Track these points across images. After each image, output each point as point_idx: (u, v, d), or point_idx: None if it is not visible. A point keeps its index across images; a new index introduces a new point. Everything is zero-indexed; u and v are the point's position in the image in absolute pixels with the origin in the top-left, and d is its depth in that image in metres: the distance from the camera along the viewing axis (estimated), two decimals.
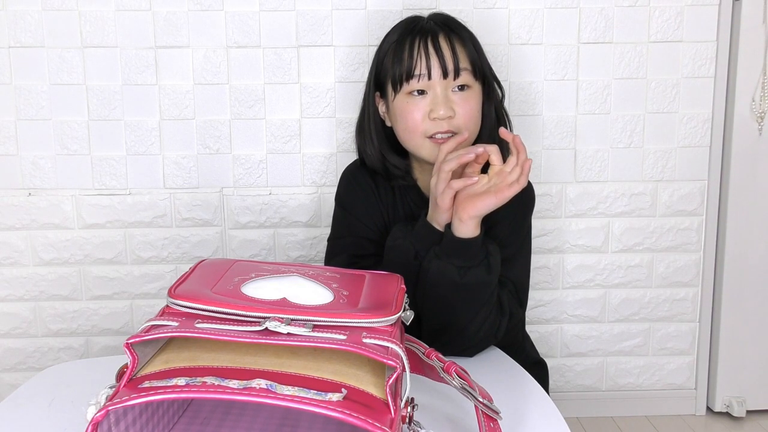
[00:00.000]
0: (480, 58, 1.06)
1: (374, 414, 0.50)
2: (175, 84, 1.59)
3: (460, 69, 1.02)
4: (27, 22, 1.56)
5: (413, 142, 1.05)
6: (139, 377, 0.54)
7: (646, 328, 1.77)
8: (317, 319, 0.58)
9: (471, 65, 1.03)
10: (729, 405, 1.78)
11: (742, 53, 1.63)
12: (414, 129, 1.03)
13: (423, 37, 1.03)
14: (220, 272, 0.68)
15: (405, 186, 1.13)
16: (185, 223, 1.65)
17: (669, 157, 1.68)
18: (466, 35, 1.06)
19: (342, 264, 1.08)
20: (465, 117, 1.03)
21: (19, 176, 1.62)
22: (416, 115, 1.02)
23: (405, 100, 1.03)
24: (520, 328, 1.22)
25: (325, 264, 1.16)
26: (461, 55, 1.03)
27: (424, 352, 0.71)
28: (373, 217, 1.13)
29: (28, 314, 1.67)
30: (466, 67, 1.02)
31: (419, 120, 1.02)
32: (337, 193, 1.19)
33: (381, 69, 1.09)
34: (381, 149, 1.11)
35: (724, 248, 1.72)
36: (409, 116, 1.03)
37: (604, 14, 1.61)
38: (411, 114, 1.03)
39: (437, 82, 1.02)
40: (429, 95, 1.02)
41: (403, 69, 1.02)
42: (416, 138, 1.04)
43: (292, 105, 1.61)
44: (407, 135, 1.05)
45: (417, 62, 1.01)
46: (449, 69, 1.01)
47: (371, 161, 1.13)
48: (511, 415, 0.73)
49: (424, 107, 1.02)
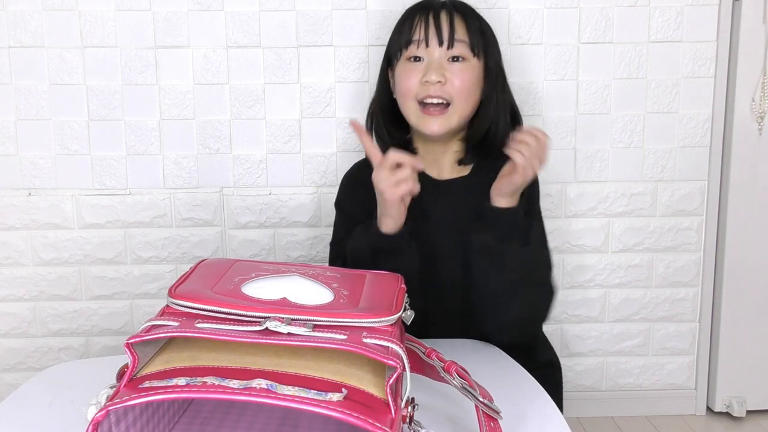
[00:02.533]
0: (484, 39, 1.10)
1: (374, 414, 0.50)
2: (175, 84, 1.59)
3: (456, 40, 1.07)
4: (27, 22, 1.56)
5: (405, 105, 1.10)
6: (140, 377, 0.54)
7: (646, 328, 1.77)
8: (317, 318, 0.58)
9: (469, 39, 1.08)
10: (729, 405, 1.78)
11: (742, 53, 1.63)
12: (407, 92, 1.08)
13: (425, 11, 1.09)
14: (221, 272, 0.68)
15: None
16: (185, 223, 1.65)
17: (669, 157, 1.68)
18: (472, 17, 1.10)
19: (343, 266, 1.07)
20: (458, 87, 1.07)
21: (19, 176, 1.62)
22: (412, 80, 1.08)
23: (404, 66, 1.10)
24: (538, 327, 1.21)
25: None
26: (459, 28, 1.08)
27: (424, 352, 0.71)
28: (373, 214, 1.11)
29: (28, 314, 1.67)
30: (462, 39, 1.07)
31: (413, 84, 1.07)
32: (336, 198, 1.22)
33: (390, 44, 1.15)
34: (384, 121, 1.17)
35: (724, 248, 1.72)
36: (404, 81, 1.09)
37: (604, 14, 1.61)
38: (407, 79, 1.08)
39: (434, 50, 1.07)
40: (425, 62, 1.08)
41: (403, 37, 1.09)
42: (408, 101, 1.09)
43: (292, 105, 1.61)
44: (401, 99, 1.11)
45: (416, 30, 1.08)
46: (445, 38, 1.06)
47: (375, 134, 1.18)
48: (512, 415, 0.73)
49: (419, 72, 1.07)
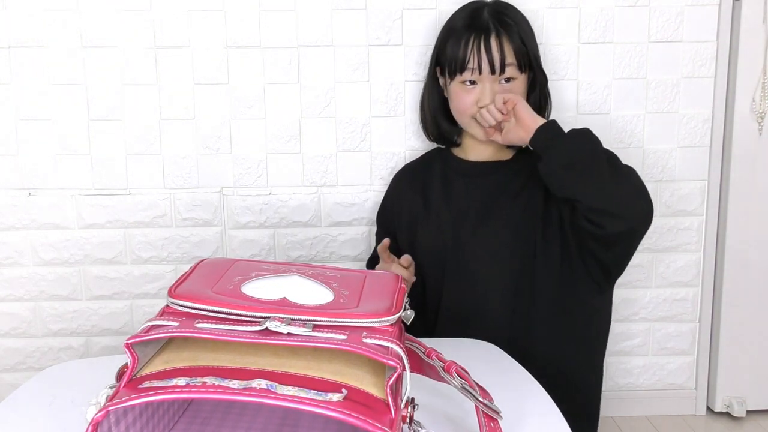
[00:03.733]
0: (527, 48, 1.25)
1: (374, 414, 0.50)
2: (175, 84, 1.59)
3: (506, 65, 1.22)
4: (27, 22, 1.56)
5: (463, 120, 1.30)
6: (140, 377, 0.54)
7: (646, 328, 1.77)
8: (317, 318, 0.58)
9: (516, 60, 1.23)
10: (729, 405, 1.78)
11: (742, 53, 1.63)
12: (464, 111, 1.27)
13: (477, 36, 1.22)
14: (221, 272, 0.68)
15: (446, 157, 1.39)
16: (185, 223, 1.65)
17: (669, 157, 1.68)
18: (515, 31, 1.24)
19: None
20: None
21: (19, 176, 1.62)
22: (467, 101, 1.25)
23: (459, 87, 1.26)
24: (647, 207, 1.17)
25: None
26: (508, 52, 1.22)
27: (424, 352, 0.71)
28: (404, 201, 1.39)
29: (28, 314, 1.67)
30: (511, 62, 1.23)
31: (469, 105, 1.25)
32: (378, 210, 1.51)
33: (442, 52, 1.29)
34: (436, 117, 1.37)
35: (724, 248, 1.72)
36: (461, 101, 1.26)
37: (604, 14, 1.61)
38: (463, 100, 1.26)
39: (486, 77, 1.23)
40: (479, 87, 1.24)
41: (458, 62, 1.23)
42: (465, 118, 1.28)
43: (292, 105, 1.61)
44: (458, 114, 1.30)
45: (470, 58, 1.22)
46: (496, 67, 1.22)
47: (427, 127, 1.42)
48: (512, 415, 0.73)
49: (474, 96, 1.24)
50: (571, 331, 1.24)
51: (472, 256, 1.25)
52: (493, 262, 1.23)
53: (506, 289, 1.22)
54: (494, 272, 1.23)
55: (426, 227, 1.31)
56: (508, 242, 1.22)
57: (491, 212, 1.25)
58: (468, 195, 1.29)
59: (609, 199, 1.10)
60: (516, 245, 1.22)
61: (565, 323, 1.23)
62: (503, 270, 1.23)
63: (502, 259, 1.23)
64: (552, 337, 1.23)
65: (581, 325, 1.25)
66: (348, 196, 1.65)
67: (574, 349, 1.25)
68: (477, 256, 1.24)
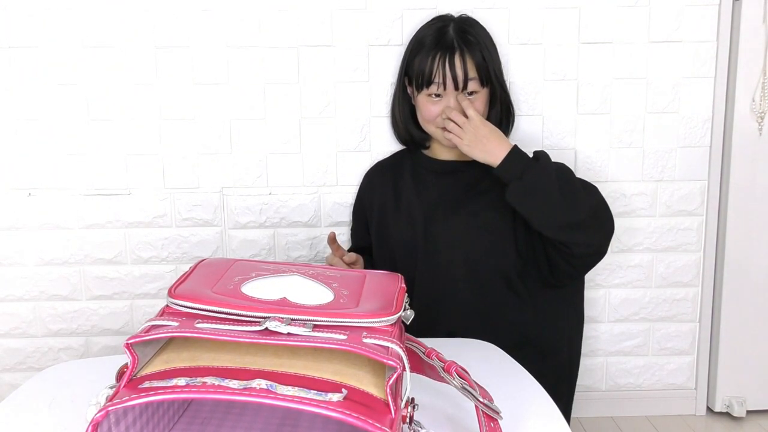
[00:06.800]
0: (487, 64, 1.33)
1: (374, 414, 0.50)
2: (175, 84, 1.59)
3: (469, 80, 1.31)
4: (27, 22, 1.56)
5: (429, 128, 1.39)
6: (139, 377, 0.54)
7: (646, 328, 1.77)
8: (317, 319, 0.58)
9: (478, 75, 1.32)
10: (729, 405, 1.78)
11: (742, 53, 1.63)
12: (429, 120, 1.37)
13: (443, 54, 1.31)
14: (220, 272, 0.68)
15: (417, 157, 1.48)
16: (185, 223, 1.65)
17: (669, 157, 1.68)
18: (477, 49, 1.32)
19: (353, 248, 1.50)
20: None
21: (19, 176, 1.62)
22: (433, 112, 1.35)
23: (425, 99, 1.36)
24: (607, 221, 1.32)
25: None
26: (470, 67, 1.31)
27: (424, 352, 0.71)
28: (373, 197, 1.48)
29: (28, 314, 1.67)
30: (474, 77, 1.32)
31: (434, 115, 1.35)
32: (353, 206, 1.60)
33: (410, 65, 1.38)
34: (406, 124, 1.47)
35: (724, 248, 1.72)
36: (427, 111, 1.36)
37: (604, 14, 1.61)
38: (429, 111, 1.36)
39: (450, 92, 1.32)
40: (444, 100, 1.34)
41: (425, 77, 1.33)
42: (431, 127, 1.38)
43: (292, 105, 1.61)
44: (424, 122, 1.40)
45: (436, 74, 1.31)
46: (459, 83, 1.31)
47: (399, 132, 1.51)
48: (511, 415, 0.73)
49: (439, 108, 1.34)
50: (542, 315, 1.35)
51: (444, 245, 1.34)
52: (463, 251, 1.33)
53: (476, 278, 1.32)
54: (465, 260, 1.32)
55: (398, 219, 1.40)
56: (479, 232, 1.32)
57: (461, 204, 1.35)
58: (438, 188, 1.39)
59: (575, 228, 1.21)
60: (486, 235, 1.32)
61: (535, 308, 1.35)
62: (474, 259, 1.32)
63: (473, 249, 1.32)
64: (523, 320, 1.34)
65: (552, 310, 1.36)
66: (348, 196, 1.65)
67: (546, 329, 1.36)
68: (448, 245, 1.34)
